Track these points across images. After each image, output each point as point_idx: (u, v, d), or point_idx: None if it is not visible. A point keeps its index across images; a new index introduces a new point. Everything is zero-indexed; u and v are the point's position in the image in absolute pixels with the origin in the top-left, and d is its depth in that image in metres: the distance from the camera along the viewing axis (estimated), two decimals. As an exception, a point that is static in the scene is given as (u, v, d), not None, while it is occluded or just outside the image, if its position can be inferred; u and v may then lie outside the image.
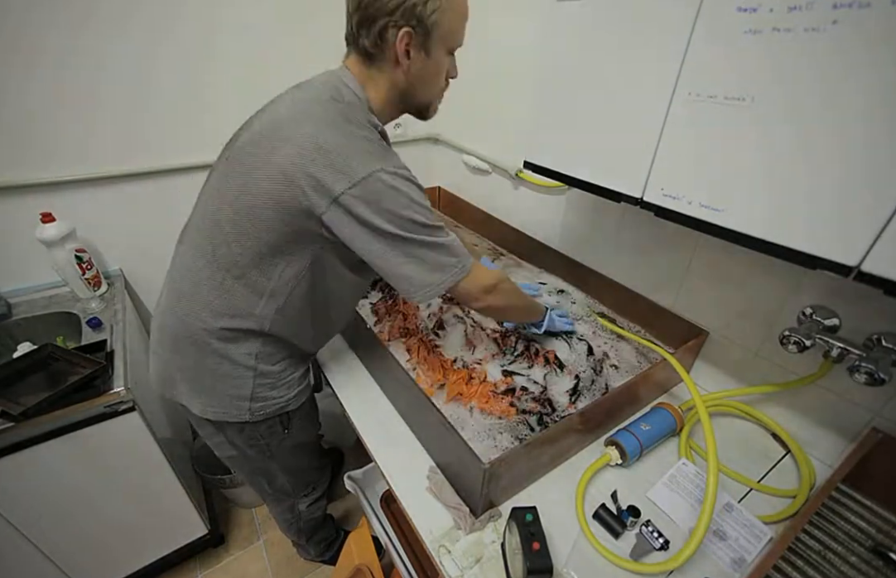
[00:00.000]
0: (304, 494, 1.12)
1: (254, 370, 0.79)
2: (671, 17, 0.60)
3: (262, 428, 0.87)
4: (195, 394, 0.80)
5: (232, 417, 0.82)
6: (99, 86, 1.12)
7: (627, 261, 1.10)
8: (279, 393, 0.84)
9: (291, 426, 0.92)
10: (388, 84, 0.71)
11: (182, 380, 0.80)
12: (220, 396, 0.80)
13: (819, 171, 0.51)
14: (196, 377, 0.79)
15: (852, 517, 0.62)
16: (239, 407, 0.81)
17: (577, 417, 0.74)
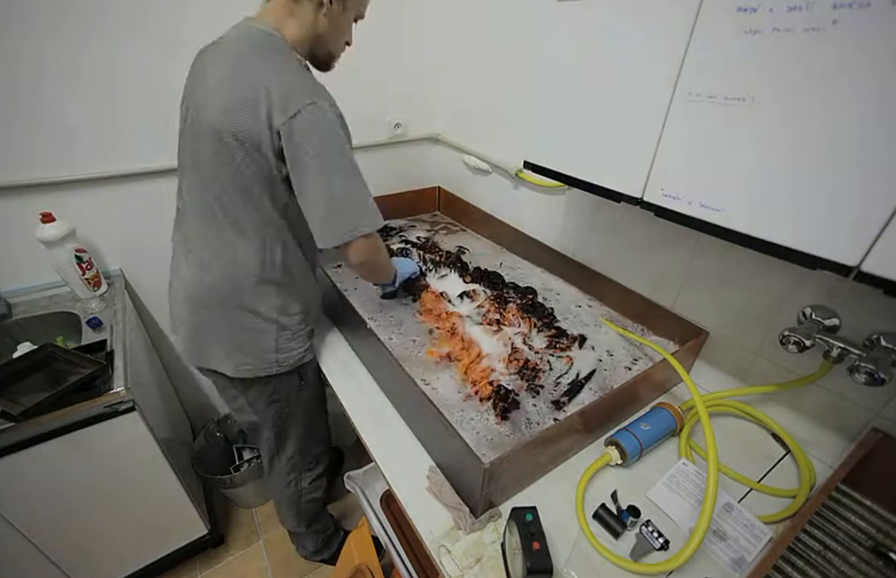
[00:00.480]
0: (308, 468, 1.18)
1: (276, 323, 0.88)
2: (671, 17, 0.60)
3: (284, 380, 0.96)
4: (227, 356, 0.89)
5: (262, 371, 0.90)
6: (100, 86, 1.12)
7: (627, 261, 1.10)
8: (297, 344, 0.94)
9: (306, 377, 1.01)
10: (308, 23, 0.79)
11: (214, 344, 0.88)
12: (250, 352, 0.88)
13: (819, 171, 0.51)
14: (228, 338, 0.87)
15: (852, 517, 0.62)
16: (267, 360, 0.90)
17: (577, 417, 0.74)
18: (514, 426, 0.81)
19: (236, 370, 0.90)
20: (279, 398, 0.99)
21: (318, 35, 0.81)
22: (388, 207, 1.58)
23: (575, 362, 0.97)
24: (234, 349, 0.88)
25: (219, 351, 0.89)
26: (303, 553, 1.36)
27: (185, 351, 0.93)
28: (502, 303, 1.15)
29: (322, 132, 0.72)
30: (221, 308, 0.85)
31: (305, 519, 1.28)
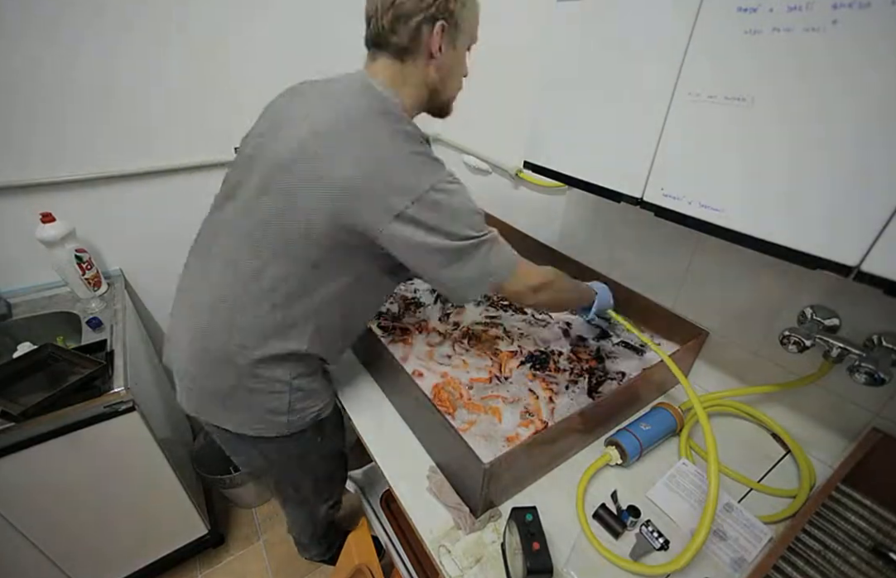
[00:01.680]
0: (324, 500, 1.11)
1: (289, 385, 0.76)
2: (671, 17, 0.60)
3: (300, 439, 0.84)
4: (232, 413, 0.77)
5: (271, 432, 0.80)
6: (100, 86, 1.12)
7: (627, 261, 1.10)
8: (313, 401, 0.82)
9: (324, 432, 0.90)
10: (421, 81, 0.72)
11: (218, 401, 0.77)
12: (258, 412, 0.77)
13: (819, 171, 0.51)
14: (233, 397, 0.75)
15: (852, 517, 0.62)
16: (277, 422, 0.78)
17: (577, 417, 0.74)
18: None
19: (240, 428, 0.79)
20: (293, 453, 0.87)
21: (433, 89, 0.74)
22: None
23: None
24: (237, 409, 0.77)
25: (220, 408, 0.78)
26: (304, 555, 1.36)
27: (187, 396, 0.79)
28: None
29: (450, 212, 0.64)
30: (230, 367, 0.73)
31: (317, 539, 1.24)
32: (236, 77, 1.28)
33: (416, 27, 0.66)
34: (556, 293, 0.83)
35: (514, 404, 0.85)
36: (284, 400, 0.77)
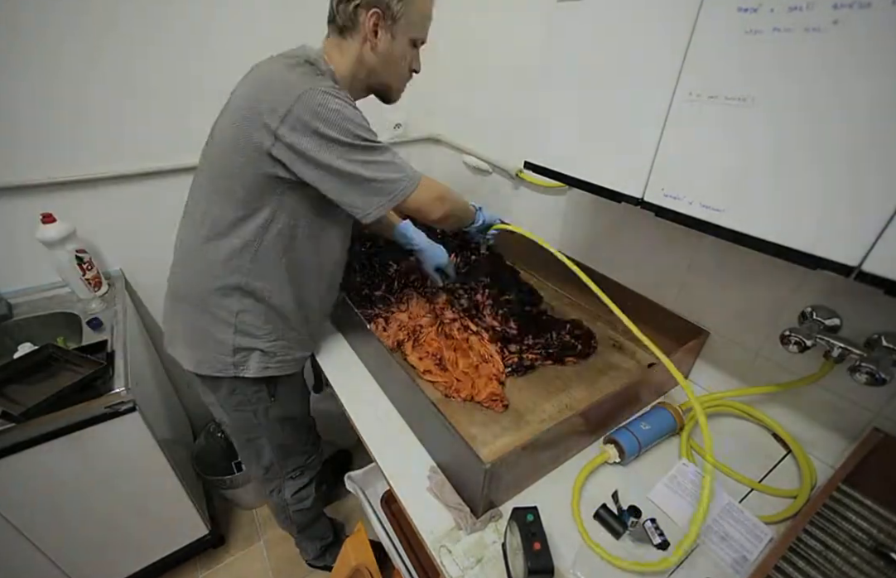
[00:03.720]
0: (290, 476, 1.14)
1: (235, 319, 0.85)
2: (672, 17, 0.60)
3: (248, 390, 0.93)
4: (188, 349, 0.88)
5: (217, 371, 0.88)
6: (100, 86, 1.12)
7: (628, 260, 1.10)
8: (263, 357, 0.89)
9: (277, 394, 0.97)
10: (356, 57, 0.80)
11: (180, 337, 0.89)
12: (207, 350, 0.87)
13: (819, 171, 0.51)
14: (190, 333, 0.87)
15: (853, 517, 0.62)
16: (224, 361, 0.87)
17: (577, 417, 0.74)
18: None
19: (196, 366, 0.88)
20: (246, 409, 0.96)
21: (369, 68, 0.81)
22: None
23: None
24: (192, 345, 0.88)
25: (181, 345, 0.90)
26: (304, 557, 1.36)
27: (165, 332, 0.94)
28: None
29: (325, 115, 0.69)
30: (187, 302, 0.86)
31: (296, 526, 1.25)
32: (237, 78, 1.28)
33: (354, 10, 0.76)
34: (454, 203, 0.91)
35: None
36: (229, 335, 0.85)
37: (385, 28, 0.78)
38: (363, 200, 0.75)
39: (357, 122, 0.72)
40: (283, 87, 0.69)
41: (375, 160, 0.74)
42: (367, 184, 0.74)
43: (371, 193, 0.75)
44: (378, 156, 0.75)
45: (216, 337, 0.85)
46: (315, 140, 0.69)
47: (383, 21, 0.78)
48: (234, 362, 0.87)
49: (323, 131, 0.69)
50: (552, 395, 0.93)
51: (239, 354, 0.87)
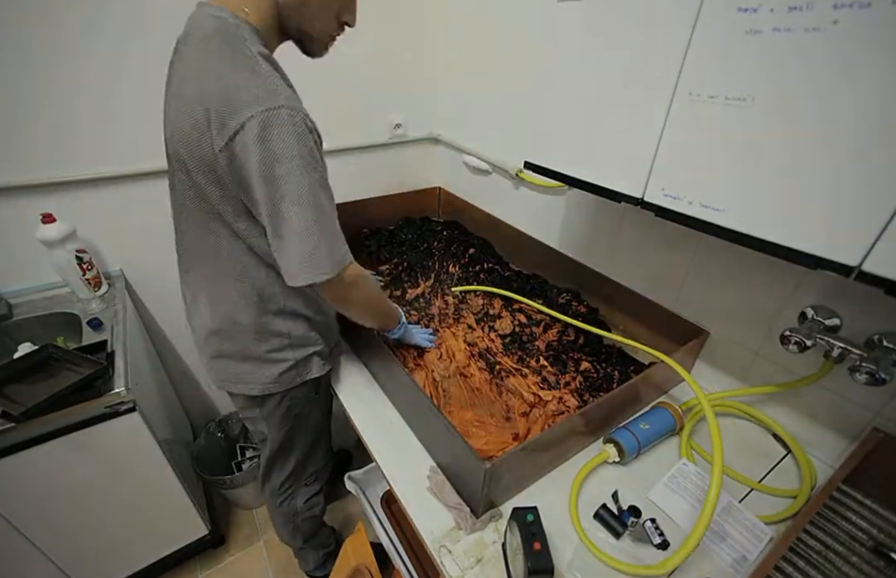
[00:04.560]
0: (305, 483, 1.14)
1: (289, 339, 0.84)
2: (672, 17, 0.60)
3: (299, 393, 0.93)
4: (249, 378, 0.86)
5: (285, 385, 0.88)
6: (100, 86, 1.12)
7: (628, 260, 1.10)
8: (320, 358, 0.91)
9: (320, 389, 0.98)
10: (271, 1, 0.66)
11: (233, 370, 0.86)
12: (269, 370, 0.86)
13: (819, 172, 0.51)
14: (243, 362, 0.85)
15: (853, 517, 0.62)
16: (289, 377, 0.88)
17: (577, 418, 0.74)
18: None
19: (263, 389, 0.88)
20: (294, 412, 0.96)
21: (293, 8, 0.67)
22: (389, 208, 1.58)
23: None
24: (248, 369, 0.86)
25: (237, 374, 0.87)
26: (304, 568, 1.34)
27: (212, 374, 0.90)
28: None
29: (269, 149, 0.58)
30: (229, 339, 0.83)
31: (301, 537, 1.23)
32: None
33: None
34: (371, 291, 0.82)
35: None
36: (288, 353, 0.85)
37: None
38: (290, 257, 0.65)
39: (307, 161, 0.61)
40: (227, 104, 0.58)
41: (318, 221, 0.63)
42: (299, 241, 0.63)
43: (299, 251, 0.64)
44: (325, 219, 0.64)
45: (275, 358, 0.85)
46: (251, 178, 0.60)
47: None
48: (297, 373, 0.88)
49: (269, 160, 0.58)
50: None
51: (300, 365, 0.88)
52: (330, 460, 1.23)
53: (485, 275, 1.34)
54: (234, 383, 0.88)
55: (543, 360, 1.01)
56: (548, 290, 1.24)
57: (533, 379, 0.95)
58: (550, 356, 1.03)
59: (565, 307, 1.16)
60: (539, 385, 0.94)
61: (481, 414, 0.90)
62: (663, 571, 0.62)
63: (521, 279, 1.31)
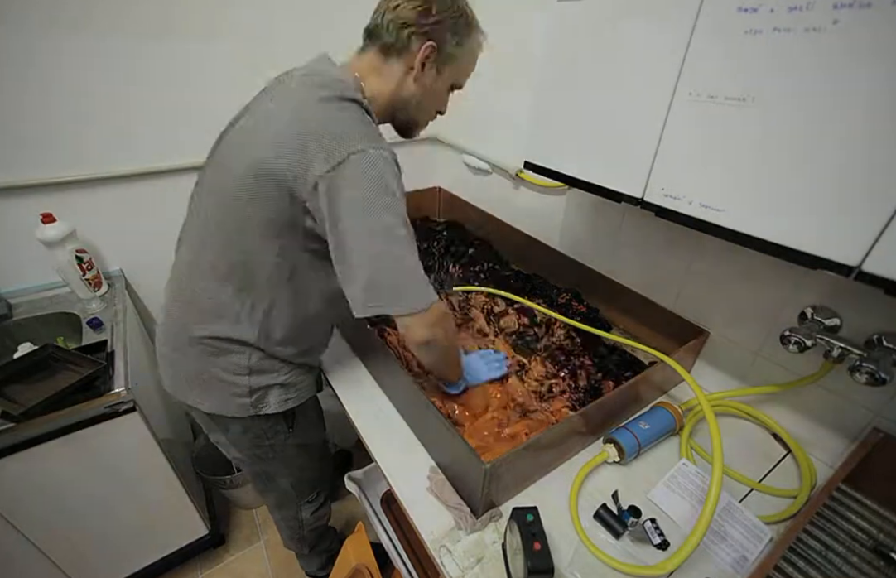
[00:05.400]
0: (307, 500, 1.10)
1: (248, 369, 0.78)
2: (671, 17, 0.60)
3: (265, 425, 0.86)
4: (199, 393, 0.81)
5: (234, 413, 0.81)
6: (100, 86, 1.12)
7: (628, 261, 1.10)
8: (283, 390, 0.84)
9: (296, 424, 0.91)
10: (395, 83, 0.73)
11: (186, 380, 0.81)
12: (221, 393, 0.80)
13: (819, 171, 0.51)
14: (197, 377, 0.79)
15: (853, 517, 0.62)
16: (240, 403, 0.80)
17: (577, 418, 0.75)
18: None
19: (210, 407, 0.81)
20: (262, 443, 0.89)
21: (404, 99, 0.75)
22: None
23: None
24: (202, 388, 0.80)
25: (188, 387, 0.81)
26: (306, 570, 1.34)
27: (164, 376, 0.85)
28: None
29: (367, 185, 0.61)
30: (190, 345, 0.77)
31: (309, 543, 1.21)
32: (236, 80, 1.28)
33: (408, 36, 0.70)
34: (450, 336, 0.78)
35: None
36: (244, 377, 0.78)
37: (433, 63, 0.73)
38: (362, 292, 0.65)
39: (397, 202, 0.64)
40: (332, 140, 0.61)
41: (405, 255, 0.65)
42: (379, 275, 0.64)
43: (372, 288, 0.65)
44: (411, 257, 0.66)
45: (230, 381, 0.78)
46: (349, 207, 0.61)
47: (436, 56, 0.72)
48: (252, 402, 0.81)
49: (359, 199, 0.61)
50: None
51: (256, 394, 0.80)
52: (330, 471, 1.18)
53: (485, 275, 1.34)
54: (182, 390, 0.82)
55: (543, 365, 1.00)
56: (549, 291, 1.24)
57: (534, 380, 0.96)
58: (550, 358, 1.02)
59: (565, 307, 1.16)
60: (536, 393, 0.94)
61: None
62: (663, 571, 0.62)
63: (520, 278, 1.31)
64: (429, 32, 0.70)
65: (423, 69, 0.72)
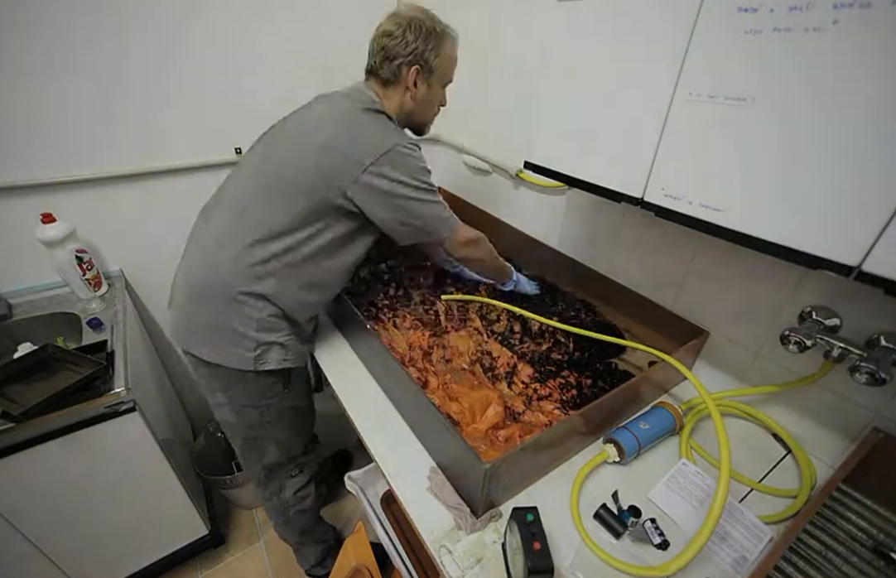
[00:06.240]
0: (290, 474, 1.14)
1: (258, 321, 0.89)
2: (672, 17, 0.60)
3: (266, 381, 0.96)
4: (209, 344, 0.90)
5: (238, 364, 0.91)
6: (100, 87, 1.13)
7: (628, 261, 1.10)
8: (281, 348, 0.94)
9: (291, 385, 1.01)
10: (398, 104, 0.93)
11: (200, 331, 0.90)
12: (230, 345, 0.89)
13: (819, 171, 0.51)
14: (211, 329, 0.89)
15: (853, 517, 0.62)
16: (245, 356, 0.90)
17: (577, 418, 0.74)
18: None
19: (209, 355, 0.90)
20: (259, 403, 0.98)
21: (408, 112, 0.94)
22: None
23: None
24: (216, 340, 0.89)
25: (201, 338, 0.90)
26: (303, 565, 1.35)
27: (173, 328, 0.95)
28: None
29: (406, 168, 0.83)
30: (214, 297, 0.87)
31: (297, 531, 1.24)
32: (236, 80, 1.28)
33: (398, 67, 0.89)
34: (483, 252, 1.03)
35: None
36: (252, 331, 0.89)
37: (423, 79, 0.91)
38: (412, 233, 0.90)
39: (425, 176, 0.87)
40: (375, 139, 0.82)
41: (438, 201, 0.90)
42: (419, 222, 0.89)
43: (417, 230, 0.90)
44: (441, 203, 0.91)
45: (240, 333, 0.88)
46: (394, 186, 0.83)
47: (422, 73, 0.90)
48: (255, 357, 0.91)
49: (402, 180, 0.83)
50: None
51: (260, 348, 0.91)
52: (315, 451, 1.23)
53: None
54: (193, 341, 0.91)
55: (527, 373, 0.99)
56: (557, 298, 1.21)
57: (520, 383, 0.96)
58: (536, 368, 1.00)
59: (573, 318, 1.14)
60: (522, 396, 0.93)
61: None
62: (666, 573, 0.62)
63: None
64: (412, 58, 0.88)
65: (416, 87, 0.91)
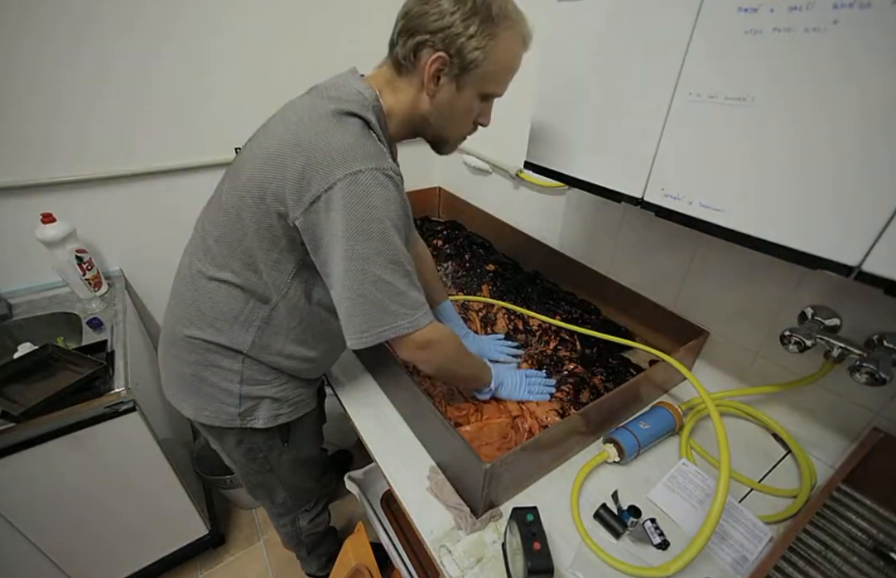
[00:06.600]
0: (305, 509, 1.09)
1: (240, 375, 0.75)
2: (672, 17, 0.60)
3: (258, 439, 0.84)
4: (187, 396, 0.79)
5: (221, 421, 0.78)
6: (100, 87, 1.12)
7: (628, 261, 1.10)
8: (274, 404, 0.80)
9: (291, 438, 0.89)
10: (410, 102, 0.68)
11: (178, 382, 0.79)
12: (210, 397, 0.77)
13: (819, 171, 0.51)
14: (188, 378, 0.77)
15: (853, 517, 0.62)
16: (228, 412, 0.77)
17: (577, 418, 0.74)
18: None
19: (196, 415, 0.79)
20: (257, 455, 0.86)
21: (422, 116, 0.69)
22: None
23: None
24: (192, 394, 0.78)
25: (179, 392, 0.80)
26: (306, 570, 1.34)
27: (162, 378, 0.83)
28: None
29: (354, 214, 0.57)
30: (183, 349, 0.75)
31: (308, 547, 1.20)
32: (236, 80, 1.28)
33: (415, 47, 0.62)
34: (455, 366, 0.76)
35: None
36: (235, 384, 0.75)
37: (450, 76, 0.64)
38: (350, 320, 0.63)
39: (386, 230, 0.59)
40: (324, 159, 0.57)
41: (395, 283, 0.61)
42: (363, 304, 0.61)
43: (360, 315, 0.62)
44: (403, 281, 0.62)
45: (219, 386, 0.75)
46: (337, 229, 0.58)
47: (449, 68, 0.63)
48: (240, 413, 0.77)
49: (348, 227, 0.57)
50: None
51: (246, 404, 0.77)
52: (330, 481, 1.17)
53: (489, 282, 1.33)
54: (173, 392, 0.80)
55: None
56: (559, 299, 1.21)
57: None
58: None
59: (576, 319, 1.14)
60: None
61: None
62: (667, 573, 0.62)
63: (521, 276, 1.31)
64: (436, 40, 0.61)
65: (437, 84, 0.64)
